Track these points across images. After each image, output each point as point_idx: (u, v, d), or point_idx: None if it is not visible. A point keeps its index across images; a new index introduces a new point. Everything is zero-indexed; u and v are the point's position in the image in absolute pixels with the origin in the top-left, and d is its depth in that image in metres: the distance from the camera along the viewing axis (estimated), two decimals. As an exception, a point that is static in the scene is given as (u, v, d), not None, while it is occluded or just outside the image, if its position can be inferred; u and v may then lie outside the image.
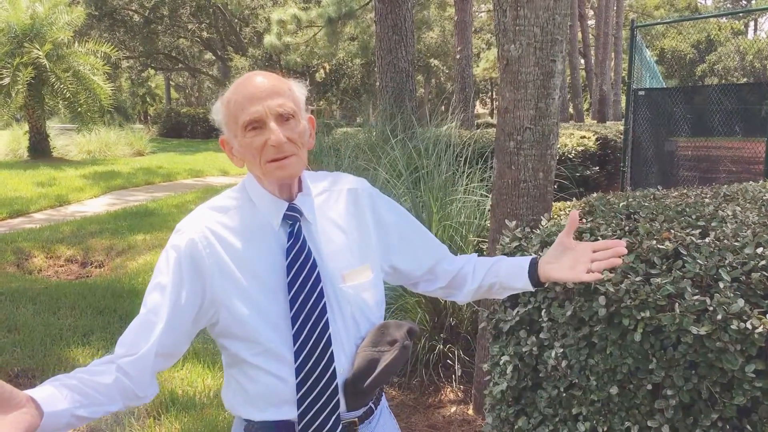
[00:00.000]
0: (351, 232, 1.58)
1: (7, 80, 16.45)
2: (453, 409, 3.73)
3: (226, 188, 1.65)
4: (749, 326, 1.80)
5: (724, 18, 37.33)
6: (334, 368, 1.44)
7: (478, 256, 1.81)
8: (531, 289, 1.71)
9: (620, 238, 2.38)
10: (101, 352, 4.56)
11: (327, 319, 1.45)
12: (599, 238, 2.46)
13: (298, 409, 1.43)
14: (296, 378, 1.42)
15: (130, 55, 35.76)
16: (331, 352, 1.44)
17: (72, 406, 1.29)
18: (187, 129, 34.41)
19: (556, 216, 3.18)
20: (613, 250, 1.60)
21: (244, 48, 35.11)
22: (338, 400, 1.46)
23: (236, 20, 36.07)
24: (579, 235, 2.57)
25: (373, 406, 1.58)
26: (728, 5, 52.38)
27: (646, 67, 9.29)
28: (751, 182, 3.83)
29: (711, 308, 1.87)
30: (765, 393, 1.82)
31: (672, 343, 1.97)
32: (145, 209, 10.46)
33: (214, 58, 40.78)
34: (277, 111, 1.41)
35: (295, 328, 1.42)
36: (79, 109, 17.84)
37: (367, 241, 1.60)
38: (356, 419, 1.52)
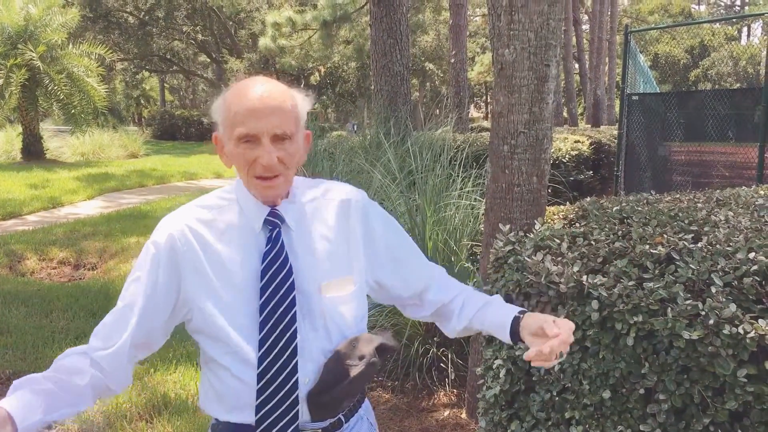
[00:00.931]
0: (337, 243, 1.54)
1: (0, 81, 16.40)
2: (446, 412, 3.73)
3: None
4: (741, 331, 1.81)
5: (718, 24, 37.51)
6: (297, 378, 1.42)
7: (475, 285, 1.77)
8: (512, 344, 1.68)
9: (613, 243, 2.39)
10: (94, 355, 4.55)
11: (296, 328, 1.43)
12: (592, 242, 2.46)
13: (256, 414, 1.42)
14: (257, 383, 1.41)
15: (124, 57, 35.69)
16: (296, 362, 1.42)
17: (45, 415, 1.33)
18: (181, 131, 34.36)
19: (549, 220, 3.19)
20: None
21: (239, 50, 35.10)
22: (298, 410, 1.43)
23: (231, 23, 36.06)
24: (573, 239, 2.58)
25: (343, 418, 1.53)
26: (722, 11, 52.65)
27: (639, 72, 9.32)
28: (743, 187, 3.85)
29: (703, 313, 1.88)
30: (757, 397, 1.83)
31: (664, 348, 1.98)
32: (138, 212, 10.44)
33: (208, 60, 40.75)
34: (273, 132, 1.40)
35: (261, 334, 1.41)
36: (73, 111, 17.79)
37: (354, 254, 1.57)
38: (320, 430, 1.48)
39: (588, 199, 3.37)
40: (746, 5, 50.13)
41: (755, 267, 1.97)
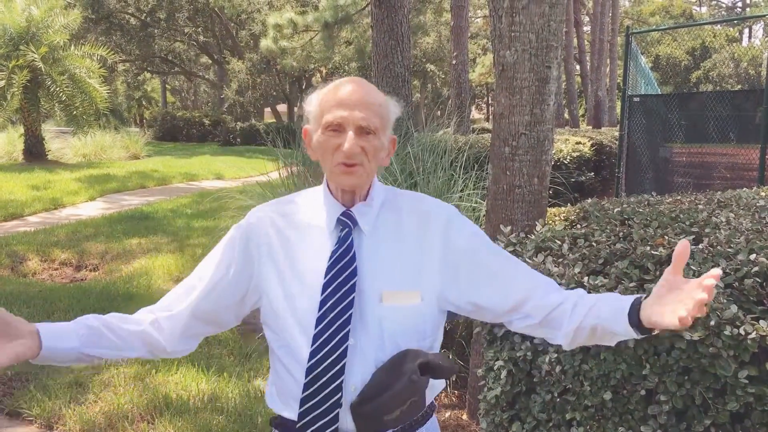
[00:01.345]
0: (410, 254, 1.51)
1: (2, 83, 16.41)
2: (447, 414, 3.73)
3: (220, 192, 1.68)
4: (742, 332, 1.81)
5: (719, 25, 37.50)
6: (342, 381, 1.42)
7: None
8: (635, 336, 1.43)
9: (614, 244, 2.39)
10: (95, 356, 4.55)
11: (348, 330, 1.43)
12: (593, 243, 2.47)
13: (299, 408, 1.43)
14: (305, 377, 1.43)
15: (126, 58, 35.72)
16: (344, 364, 1.42)
17: (82, 345, 1.45)
18: (183, 132, 34.36)
19: (550, 221, 3.19)
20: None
21: (241, 52, 35.12)
22: (338, 414, 1.42)
23: (233, 24, 36.09)
24: (574, 240, 2.58)
25: None
26: (723, 12, 52.64)
27: (641, 74, 9.33)
28: (745, 189, 3.85)
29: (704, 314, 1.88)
30: (758, 399, 1.83)
31: (665, 349, 1.98)
32: (140, 213, 10.44)
33: (210, 61, 40.77)
34: (359, 123, 1.44)
35: (316, 330, 1.43)
36: (75, 112, 17.79)
37: (428, 269, 1.51)
38: None
39: (589, 200, 3.38)
40: (747, 7, 50.14)
41: (756, 268, 1.97)
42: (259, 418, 3.64)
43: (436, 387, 1.56)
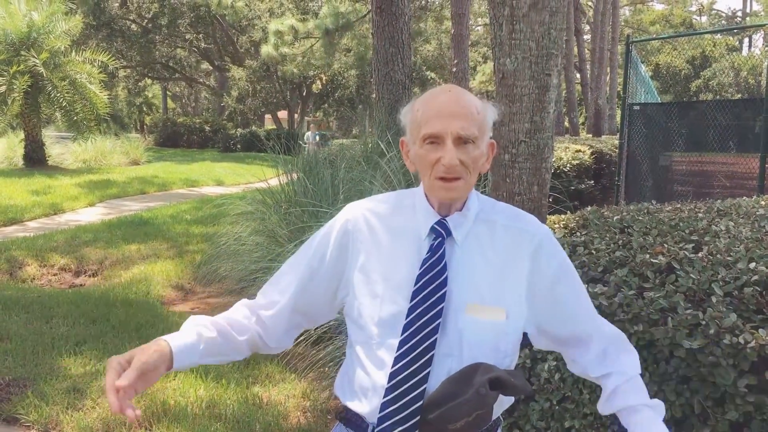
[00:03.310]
0: (500, 270, 1.50)
1: (3, 88, 16.43)
2: None
3: (221, 198, 1.68)
4: (742, 341, 1.81)
5: (719, 34, 37.61)
6: (425, 389, 1.42)
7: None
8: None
9: (614, 252, 2.39)
10: (93, 362, 4.54)
11: (435, 339, 1.43)
12: (593, 251, 2.47)
13: (380, 412, 1.43)
14: (388, 382, 1.43)
15: (127, 64, 35.79)
16: (428, 372, 1.42)
17: (201, 358, 1.48)
18: (184, 138, 34.43)
19: (550, 229, 3.19)
20: None
21: (242, 58, 35.20)
22: (418, 421, 1.41)
23: (234, 30, 36.18)
24: (573, 248, 2.58)
25: None
26: (723, 22, 52.81)
27: (641, 82, 9.34)
28: (744, 198, 3.85)
29: (703, 322, 1.88)
30: (757, 408, 1.82)
31: (665, 357, 1.98)
32: (139, 219, 10.43)
33: (211, 68, 40.85)
34: (457, 133, 1.42)
35: (403, 336, 1.43)
36: (76, 118, 17.80)
37: (514, 288, 1.50)
38: None
39: (589, 208, 3.38)
40: (747, 16, 50.28)
41: (756, 277, 1.97)
42: (257, 426, 3.62)
43: (504, 402, 1.56)
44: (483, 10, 35.70)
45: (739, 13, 54.44)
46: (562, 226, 3.22)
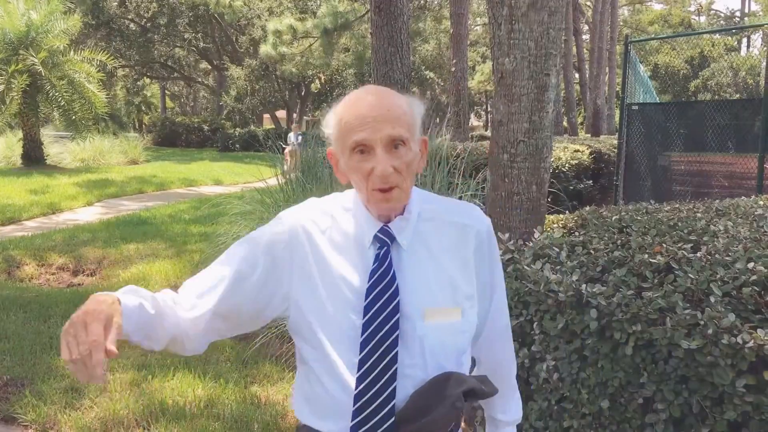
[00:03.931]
0: (450, 269, 1.46)
1: (1, 87, 16.43)
2: None
3: (219, 198, 1.63)
4: (740, 341, 1.81)
5: (718, 34, 37.64)
6: (394, 404, 1.37)
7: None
8: None
9: (612, 252, 2.39)
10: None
11: (396, 353, 1.37)
12: (591, 251, 2.46)
13: None
14: (354, 404, 1.37)
15: (125, 64, 35.77)
16: (395, 387, 1.37)
17: (132, 334, 1.33)
18: (182, 138, 34.43)
19: (549, 229, 3.19)
20: None
21: (240, 58, 35.18)
22: None
23: (232, 30, 36.16)
24: (572, 248, 2.58)
25: None
26: (721, 22, 52.85)
27: (639, 82, 9.35)
28: (743, 197, 3.85)
29: (702, 322, 1.87)
30: (756, 408, 1.82)
31: (663, 357, 1.97)
32: (138, 218, 10.42)
33: (209, 67, 40.83)
34: (386, 138, 1.35)
35: (362, 354, 1.37)
36: (74, 117, 17.81)
37: (466, 284, 1.47)
38: None
39: (587, 208, 3.38)
40: (746, 16, 50.33)
41: (754, 277, 1.97)
42: (255, 425, 3.62)
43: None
44: (482, 10, 35.71)
45: (738, 13, 54.48)
46: (560, 225, 3.22)
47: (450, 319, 1.43)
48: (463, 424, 1.47)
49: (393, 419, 1.36)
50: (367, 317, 1.37)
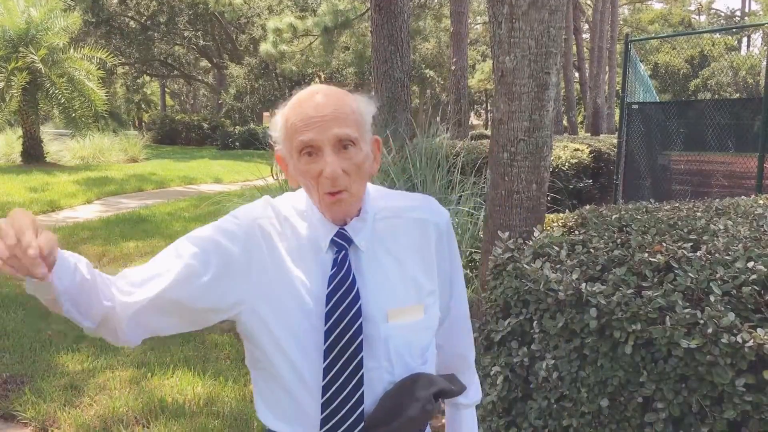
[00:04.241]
0: (411, 266, 1.44)
1: (1, 84, 16.42)
2: (444, 420, 3.71)
3: (218, 196, 1.58)
4: (740, 340, 1.81)
5: (718, 34, 37.62)
6: (363, 409, 1.35)
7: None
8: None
9: (612, 251, 2.39)
10: (90, 359, 4.54)
11: (362, 357, 1.35)
12: (591, 250, 2.46)
13: None
14: (321, 412, 1.35)
15: (125, 61, 35.76)
16: (362, 392, 1.35)
17: (66, 288, 1.26)
18: (182, 136, 34.38)
19: (548, 228, 3.19)
20: None
21: (240, 56, 35.17)
22: None
23: (232, 28, 36.14)
24: (572, 247, 2.58)
25: None
26: (722, 21, 52.84)
27: (639, 81, 9.34)
28: (743, 197, 3.85)
29: (702, 321, 1.88)
30: (755, 407, 1.82)
31: (663, 356, 1.98)
32: (136, 216, 10.42)
33: (209, 65, 40.81)
34: (334, 138, 1.30)
35: (327, 362, 1.34)
36: (74, 115, 17.79)
37: (428, 280, 1.46)
38: None
39: (587, 207, 3.38)
40: (746, 16, 50.33)
41: (754, 276, 1.97)
42: (255, 423, 3.62)
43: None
44: (482, 9, 35.70)
45: (738, 13, 54.48)
46: (560, 224, 3.22)
47: (414, 317, 1.42)
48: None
49: (363, 424, 1.35)
50: (329, 324, 1.34)
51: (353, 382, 1.34)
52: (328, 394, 1.34)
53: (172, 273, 1.35)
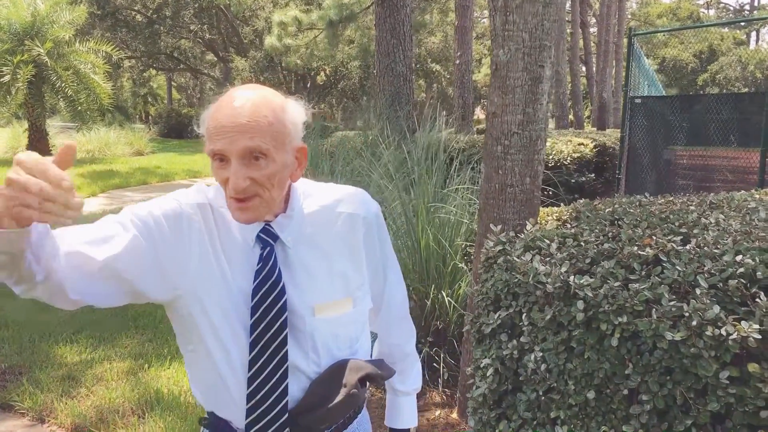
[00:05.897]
0: (339, 260, 1.46)
1: (7, 78, 16.46)
2: (438, 412, 3.72)
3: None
4: (724, 333, 1.80)
5: (726, 27, 37.40)
6: (287, 401, 1.38)
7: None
8: None
9: (602, 244, 2.38)
10: (89, 350, 4.57)
11: (286, 351, 1.37)
12: (582, 243, 2.46)
13: (246, 426, 1.39)
14: (247, 403, 1.37)
15: (131, 55, 35.80)
16: (286, 385, 1.37)
17: (36, 241, 1.17)
18: (188, 129, 34.43)
19: (543, 221, 3.18)
20: None
21: (246, 49, 35.17)
22: (288, 429, 1.40)
23: (238, 21, 36.14)
24: (563, 240, 2.57)
25: None
26: (730, 15, 52.51)
27: (644, 75, 9.30)
28: (742, 191, 3.83)
29: (687, 314, 1.87)
30: (739, 400, 1.82)
31: (648, 349, 1.97)
32: (141, 209, 10.45)
33: (215, 59, 40.83)
34: (242, 150, 1.27)
35: (252, 355, 1.36)
36: (79, 108, 17.85)
37: (357, 273, 1.49)
38: None
39: (581, 200, 3.37)
40: (755, 9, 50.00)
41: (741, 269, 1.96)
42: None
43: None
44: (487, 3, 35.60)
45: (747, 7, 54.13)
46: (555, 218, 3.22)
47: (342, 311, 1.44)
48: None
49: (286, 416, 1.37)
50: (254, 318, 1.36)
51: (278, 375, 1.37)
52: (253, 386, 1.36)
53: (120, 245, 1.29)
